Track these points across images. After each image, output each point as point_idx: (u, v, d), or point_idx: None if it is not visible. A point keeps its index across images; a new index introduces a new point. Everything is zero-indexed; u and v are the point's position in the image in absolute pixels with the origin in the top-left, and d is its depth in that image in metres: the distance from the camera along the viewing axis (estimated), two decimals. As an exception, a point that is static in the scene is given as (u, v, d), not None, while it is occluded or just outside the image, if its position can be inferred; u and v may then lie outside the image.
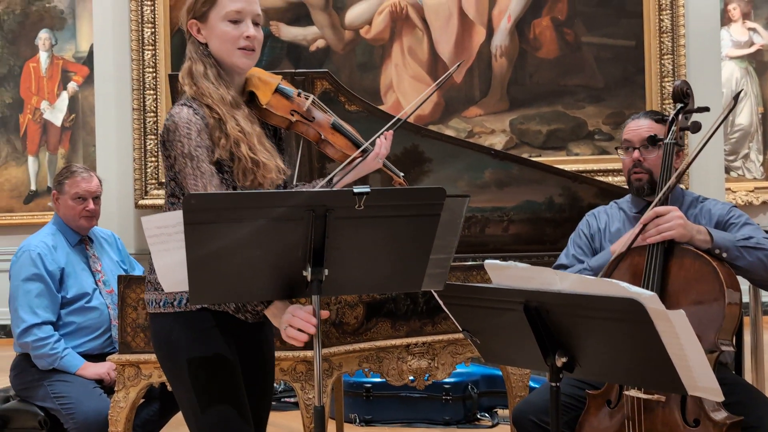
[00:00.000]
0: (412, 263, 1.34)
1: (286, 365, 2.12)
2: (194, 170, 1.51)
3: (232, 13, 1.55)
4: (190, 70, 1.58)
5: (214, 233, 1.25)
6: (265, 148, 1.56)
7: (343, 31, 4.08)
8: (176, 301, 1.58)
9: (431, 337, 2.32)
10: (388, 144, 1.72)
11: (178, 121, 1.53)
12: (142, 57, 3.83)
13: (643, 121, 2.06)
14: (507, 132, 4.11)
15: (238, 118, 1.54)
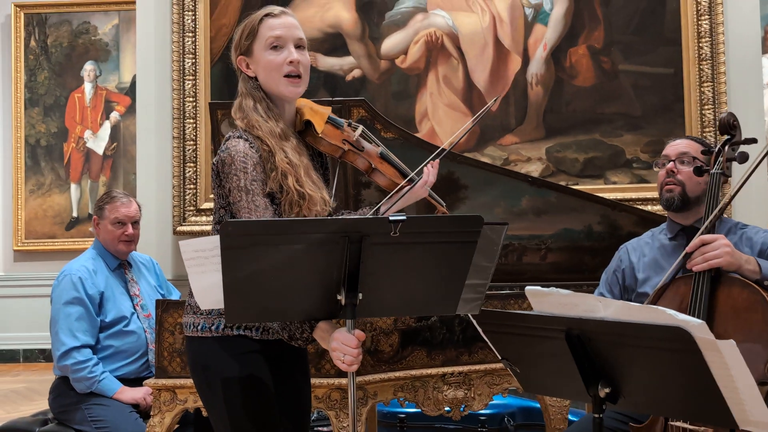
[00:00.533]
0: (446, 288, 1.33)
1: (321, 393, 2.10)
2: (249, 203, 1.52)
3: (272, 39, 1.57)
4: (240, 105, 1.61)
5: (249, 258, 1.25)
6: (312, 180, 1.57)
7: (379, 61, 4.13)
8: (214, 326, 1.58)
9: (468, 367, 2.28)
10: (435, 172, 1.73)
11: (235, 154, 1.54)
12: (183, 87, 3.92)
13: (682, 140, 2.10)
14: (543, 160, 4.07)
15: (287, 150, 1.55)
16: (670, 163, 2.02)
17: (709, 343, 1.16)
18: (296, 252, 1.26)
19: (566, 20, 4.13)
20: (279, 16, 1.61)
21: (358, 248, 1.27)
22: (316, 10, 4.13)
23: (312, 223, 1.33)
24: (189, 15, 3.93)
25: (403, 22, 4.13)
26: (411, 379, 2.21)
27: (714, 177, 1.91)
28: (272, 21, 1.59)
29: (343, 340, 1.39)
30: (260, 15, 1.61)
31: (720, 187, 1.91)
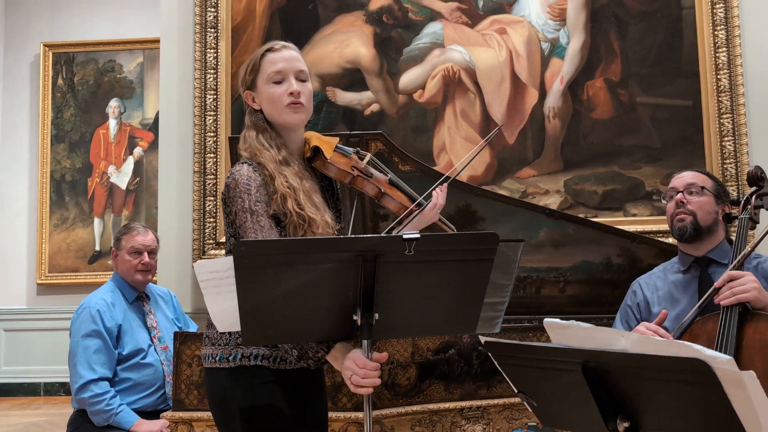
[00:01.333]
0: (464, 307, 1.33)
1: (338, 427, 2.09)
2: (254, 224, 1.56)
3: (273, 74, 1.63)
4: (244, 136, 1.68)
5: (264, 278, 1.26)
6: (313, 203, 1.60)
7: (397, 96, 4.17)
8: (231, 357, 1.59)
9: (486, 401, 2.25)
10: (444, 196, 1.76)
11: (239, 178, 1.59)
12: (204, 122, 3.99)
13: (687, 172, 2.15)
14: (561, 192, 4.06)
15: (287, 174, 1.60)
16: (678, 194, 2.04)
17: (730, 375, 1.14)
18: (310, 271, 1.27)
19: (583, 54, 4.16)
20: (280, 50, 1.66)
21: (372, 267, 1.27)
22: (335, 47, 4.20)
23: (326, 242, 1.34)
24: (211, 53, 4.03)
25: (421, 57, 4.18)
26: (429, 413, 2.19)
27: (742, 221, 1.97)
28: (273, 56, 1.65)
29: (356, 360, 1.39)
30: (262, 50, 1.67)
31: (747, 230, 1.97)
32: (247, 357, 1.59)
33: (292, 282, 1.29)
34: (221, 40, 4.07)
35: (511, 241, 1.31)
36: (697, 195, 2.03)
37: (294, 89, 1.62)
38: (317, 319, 1.34)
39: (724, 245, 2.05)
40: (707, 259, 2.03)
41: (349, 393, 2.10)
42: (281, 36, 4.17)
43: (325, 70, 4.17)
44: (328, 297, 1.32)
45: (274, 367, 1.59)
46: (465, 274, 1.30)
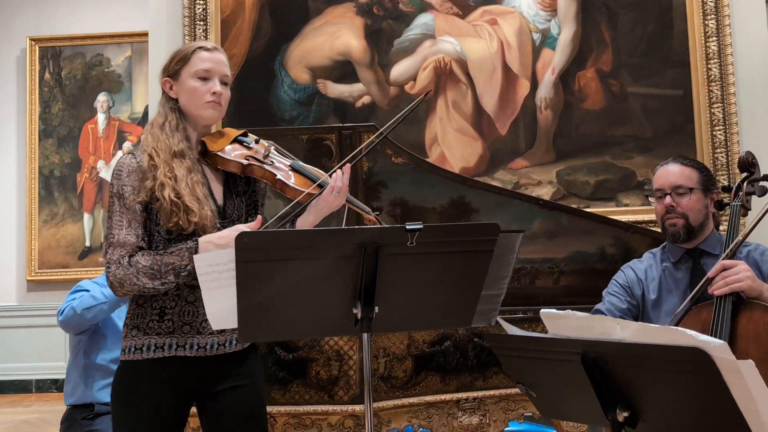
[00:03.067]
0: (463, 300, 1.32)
1: (334, 420, 2.08)
2: (121, 207, 1.68)
3: (201, 71, 1.73)
4: (153, 120, 1.77)
5: (265, 271, 1.25)
6: (194, 195, 1.66)
7: (388, 87, 4.15)
8: (126, 349, 1.70)
9: (482, 393, 2.25)
10: (346, 178, 1.74)
11: (115, 166, 1.73)
12: (195, 116, 3.96)
13: (671, 167, 2.08)
14: (554, 183, 4.06)
15: (176, 165, 1.68)
16: (667, 197, 2.02)
17: (728, 364, 1.14)
18: (312, 263, 1.26)
19: (574, 44, 4.16)
20: (212, 51, 1.77)
21: (374, 260, 1.26)
22: (326, 39, 4.18)
23: (326, 234, 1.33)
24: (200, 45, 3.99)
25: (412, 48, 4.16)
26: (425, 406, 2.19)
27: (734, 209, 1.96)
28: (205, 54, 1.75)
29: None
30: (195, 46, 1.77)
31: (739, 218, 1.96)
32: (125, 351, 1.71)
33: (292, 274, 1.28)
34: (210, 33, 4.03)
35: (511, 232, 1.30)
36: (685, 196, 2.00)
37: (218, 90, 1.72)
38: (317, 313, 1.33)
39: (714, 236, 2.04)
40: (699, 250, 2.03)
41: (345, 386, 2.09)
42: (271, 29, 4.14)
43: (316, 63, 4.15)
44: (328, 290, 1.31)
45: (157, 357, 1.68)
46: (465, 265, 1.29)
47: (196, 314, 1.68)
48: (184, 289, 1.69)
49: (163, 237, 1.68)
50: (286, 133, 2.79)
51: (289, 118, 4.12)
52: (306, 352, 2.11)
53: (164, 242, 1.68)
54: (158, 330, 1.68)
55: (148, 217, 1.69)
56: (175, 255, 1.64)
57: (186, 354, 1.69)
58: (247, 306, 1.28)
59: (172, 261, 1.64)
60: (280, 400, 2.11)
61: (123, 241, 1.66)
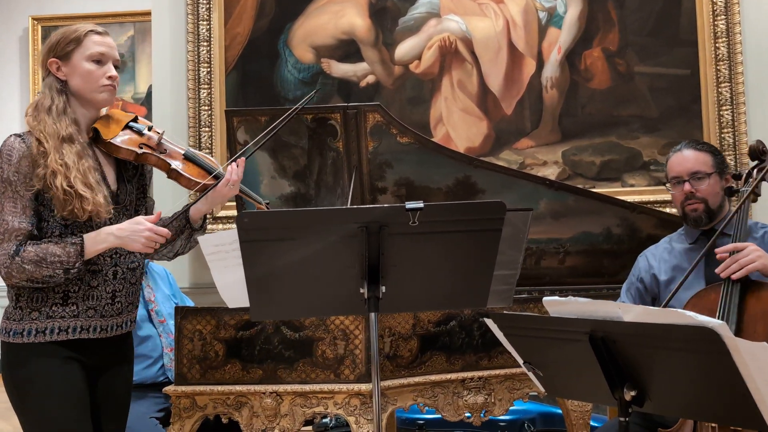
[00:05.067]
0: (474, 280, 1.32)
1: (340, 399, 2.09)
2: (14, 193, 1.65)
3: (96, 54, 1.73)
4: (37, 103, 1.73)
5: (269, 251, 1.26)
6: (86, 182, 1.66)
7: (393, 67, 4.12)
8: (25, 332, 1.68)
9: (487, 372, 2.26)
10: (240, 171, 1.79)
11: (2, 148, 1.68)
12: (198, 96, 3.94)
13: (686, 153, 2.11)
14: (560, 163, 4.04)
15: (65, 152, 1.66)
16: (685, 184, 2.04)
17: (738, 345, 1.14)
18: (314, 243, 1.27)
19: (580, 23, 4.11)
20: (103, 35, 1.77)
21: (377, 239, 1.26)
22: (330, 17, 4.14)
23: (328, 213, 1.33)
24: (204, 24, 3.96)
25: (417, 27, 4.12)
26: (430, 385, 2.20)
27: (744, 195, 1.98)
28: (98, 38, 1.75)
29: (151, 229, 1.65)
30: (87, 29, 1.75)
31: (749, 203, 1.99)
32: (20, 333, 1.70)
33: (296, 254, 1.28)
34: (213, 12, 3.99)
35: (519, 210, 1.30)
36: (704, 181, 2.03)
37: (114, 74, 1.74)
38: (324, 293, 1.33)
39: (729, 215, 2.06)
40: (714, 230, 2.05)
41: (351, 365, 2.10)
42: (275, 8, 4.09)
43: (320, 42, 4.11)
44: (333, 270, 1.31)
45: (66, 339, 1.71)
46: (473, 245, 1.28)
47: (99, 298, 1.73)
48: (86, 274, 1.71)
49: (59, 223, 1.68)
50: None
51: (293, 97, 4.09)
52: (312, 331, 2.12)
53: (60, 228, 1.69)
54: (62, 314, 1.70)
55: (40, 204, 1.68)
56: (59, 247, 1.65)
57: (89, 336, 1.74)
58: (255, 284, 1.28)
59: (59, 253, 1.65)
60: (287, 379, 2.12)
61: (17, 227, 1.65)
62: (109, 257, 1.74)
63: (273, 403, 2.10)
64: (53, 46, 1.74)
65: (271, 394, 2.10)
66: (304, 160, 2.81)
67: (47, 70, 1.75)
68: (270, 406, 2.10)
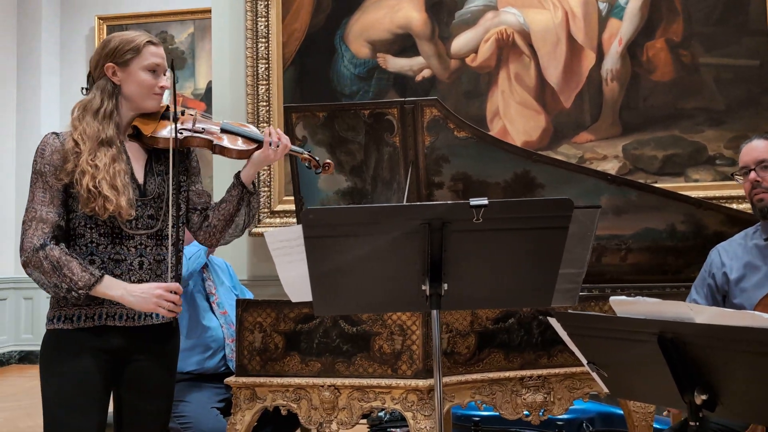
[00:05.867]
0: (539, 278, 1.30)
1: (397, 394, 2.09)
2: (44, 184, 1.74)
3: (152, 65, 1.81)
4: (85, 104, 1.81)
5: (332, 247, 1.26)
6: (114, 185, 1.72)
7: (449, 60, 4.10)
8: (55, 318, 1.78)
9: (547, 370, 2.23)
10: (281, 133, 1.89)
11: (39, 144, 1.78)
12: (257, 92, 4.00)
13: (756, 143, 2.04)
14: (620, 158, 3.95)
15: (100, 154, 1.73)
16: (751, 173, 1.96)
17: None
18: (377, 240, 1.27)
19: (642, 13, 4.00)
20: (158, 46, 1.86)
21: (440, 236, 1.25)
22: (386, 12, 4.14)
23: (391, 210, 1.33)
24: (262, 21, 4.01)
25: (473, 20, 4.09)
26: (488, 382, 2.18)
27: None
28: (154, 49, 1.83)
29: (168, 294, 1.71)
30: (145, 39, 1.83)
31: None
32: (52, 320, 1.78)
33: (359, 250, 1.28)
34: (272, 9, 4.04)
35: (587, 208, 1.27)
36: None
37: (165, 85, 1.82)
38: (386, 289, 1.33)
39: None
40: None
41: (408, 361, 2.10)
42: (332, 4, 4.12)
43: (376, 37, 4.12)
44: (396, 266, 1.31)
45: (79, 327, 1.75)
46: (538, 243, 1.26)
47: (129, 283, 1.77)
48: (109, 263, 1.76)
49: (84, 215, 1.75)
50: (348, 108, 2.77)
51: (349, 92, 4.11)
52: (369, 326, 2.13)
53: (85, 219, 1.75)
54: (88, 300, 1.75)
55: (69, 197, 1.75)
56: (80, 267, 1.71)
57: (115, 324, 1.77)
58: (318, 280, 1.29)
59: (75, 272, 1.70)
60: (344, 372, 2.14)
61: (45, 218, 1.72)
62: (134, 248, 1.79)
63: (331, 396, 2.12)
64: (111, 52, 1.81)
65: (329, 388, 2.12)
66: (360, 155, 2.81)
67: (100, 73, 1.82)
68: (328, 399, 2.12)
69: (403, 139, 2.65)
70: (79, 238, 1.77)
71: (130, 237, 1.79)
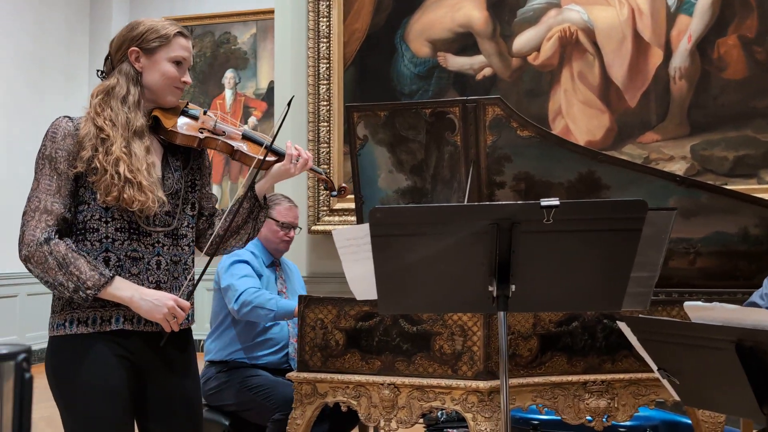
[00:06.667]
0: (610, 281, 1.26)
1: (457, 395, 2.08)
2: (51, 171, 1.58)
3: (179, 57, 1.70)
4: (110, 88, 1.66)
5: (399, 246, 1.26)
6: (148, 175, 1.60)
7: (511, 59, 4.05)
8: (67, 323, 1.60)
9: (611, 376, 2.18)
10: (301, 149, 1.76)
11: (49, 128, 1.63)
12: (318, 91, 4.04)
13: None
14: (688, 158, 3.83)
15: (133, 144, 1.61)
16: None
17: None
18: (445, 239, 1.26)
19: (714, 9, 3.86)
20: (188, 39, 1.75)
21: (508, 237, 1.24)
22: (447, 11, 4.12)
23: (459, 210, 1.32)
24: (324, 21, 4.05)
25: (536, 18, 4.02)
26: (550, 386, 2.14)
27: None
28: (184, 41, 1.72)
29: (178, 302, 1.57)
30: (175, 29, 1.71)
31: None
32: (62, 324, 1.60)
33: (425, 250, 1.28)
34: (333, 9, 4.08)
35: (663, 210, 1.23)
36: None
37: (188, 81, 1.72)
38: (452, 289, 1.33)
39: None
40: None
41: (469, 362, 2.09)
42: (392, 3, 4.13)
43: (436, 35, 4.10)
44: (462, 266, 1.30)
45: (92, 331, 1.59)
46: (610, 245, 1.23)
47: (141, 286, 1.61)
48: (126, 260, 1.60)
49: (100, 207, 1.59)
50: (410, 107, 2.77)
51: (409, 92, 4.11)
52: (430, 326, 2.12)
53: (100, 213, 1.59)
54: (103, 302, 1.58)
55: (81, 187, 1.60)
56: (89, 266, 1.55)
57: (133, 328, 1.61)
58: (384, 278, 1.29)
59: (83, 270, 1.54)
60: (404, 372, 2.14)
61: (50, 209, 1.56)
62: (151, 245, 1.64)
63: (391, 394, 2.13)
64: (138, 36, 1.67)
65: (389, 386, 2.13)
66: (421, 154, 2.81)
67: (122, 57, 1.67)
68: (388, 397, 2.13)
69: (465, 138, 2.64)
70: (92, 233, 1.59)
71: (146, 234, 1.63)
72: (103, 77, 1.72)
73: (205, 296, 5.85)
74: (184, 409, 1.68)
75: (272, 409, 2.44)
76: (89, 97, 1.67)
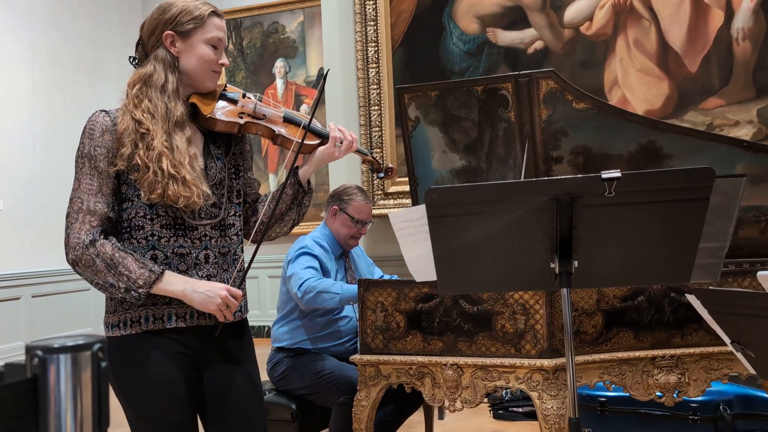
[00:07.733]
0: (677, 253, 1.22)
1: (522, 373, 2.07)
2: (92, 170, 1.52)
3: (215, 39, 1.59)
4: (147, 77, 1.56)
5: (457, 225, 1.25)
6: (193, 170, 1.53)
7: (562, 30, 3.95)
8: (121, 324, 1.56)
9: (680, 350, 2.12)
10: (345, 131, 1.68)
11: (86, 124, 1.55)
12: (367, 75, 4.04)
13: None
14: (755, 123, 3.67)
15: (174, 136, 1.53)
16: None
17: None
18: (503, 217, 1.24)
19: (778, -37, 3.67)
20: (222, 18, 1.64)
21: (569, 212, 1.21)
22: (494, -15, 4.04)
23: (518, 186, 1.30)
24: (370, 4, 4.04)
25: (587, -14, 3.91)
26: (617, 362, 2.10)
27: None
28: (218, 21, 1.61)
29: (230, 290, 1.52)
30: (209, 9, 1.60)
31: None
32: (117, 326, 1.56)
33: (483, 228, 1.27)
34: (379, -9, 4.06)
35: (731, 177, 1.18)
36: None
37: (225, 62, 1.62)
38: (512, 267, 1.31)
39: None
40: None
41: (532, 340, 2.07)
42: (438, -20, 4.07)
43: (485, 11, 4.04)
44: (522, 244, 1.28)
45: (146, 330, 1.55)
46: (676, 216, 1.19)
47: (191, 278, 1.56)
48: (173, 258, 1.55)
49: (144, 205, 1.54)
50: (461, 86, 2.73)
51: (459, 70, 4.06)
52: (491, 305, 2.11)
53: (145, 210, 1.54)
54: (154, 300, 1.54)
55: (123, 183, 1.54)
56: (138, 264, 1.50)
57: (187, 324, 1.57)
58: (442, 259, 1.29)
59: (132, 269, 1.50)
60: (467, 352, 2.14)
61: (93, 209, 1.51)
62: (198, 239, 1.57)
63: (454, 375, 2.13)
64: (172, 19, 1.57)
65: (452, 366, 2.13)
66: (474, 132, 2.77)
67: (156, 42, 1.58)
68: (451, 377, 2.13)
69: (519, 114, 2.59)
70: (137, 231, 1.54)
71: (193, 228, 1.56)
72: (135, 64, 1.62)
73: (267, 283, 5.96)
74: (245, 396, 1.64)
75: (338, 393, 2.47)
76: (126, 87, 1.58)
